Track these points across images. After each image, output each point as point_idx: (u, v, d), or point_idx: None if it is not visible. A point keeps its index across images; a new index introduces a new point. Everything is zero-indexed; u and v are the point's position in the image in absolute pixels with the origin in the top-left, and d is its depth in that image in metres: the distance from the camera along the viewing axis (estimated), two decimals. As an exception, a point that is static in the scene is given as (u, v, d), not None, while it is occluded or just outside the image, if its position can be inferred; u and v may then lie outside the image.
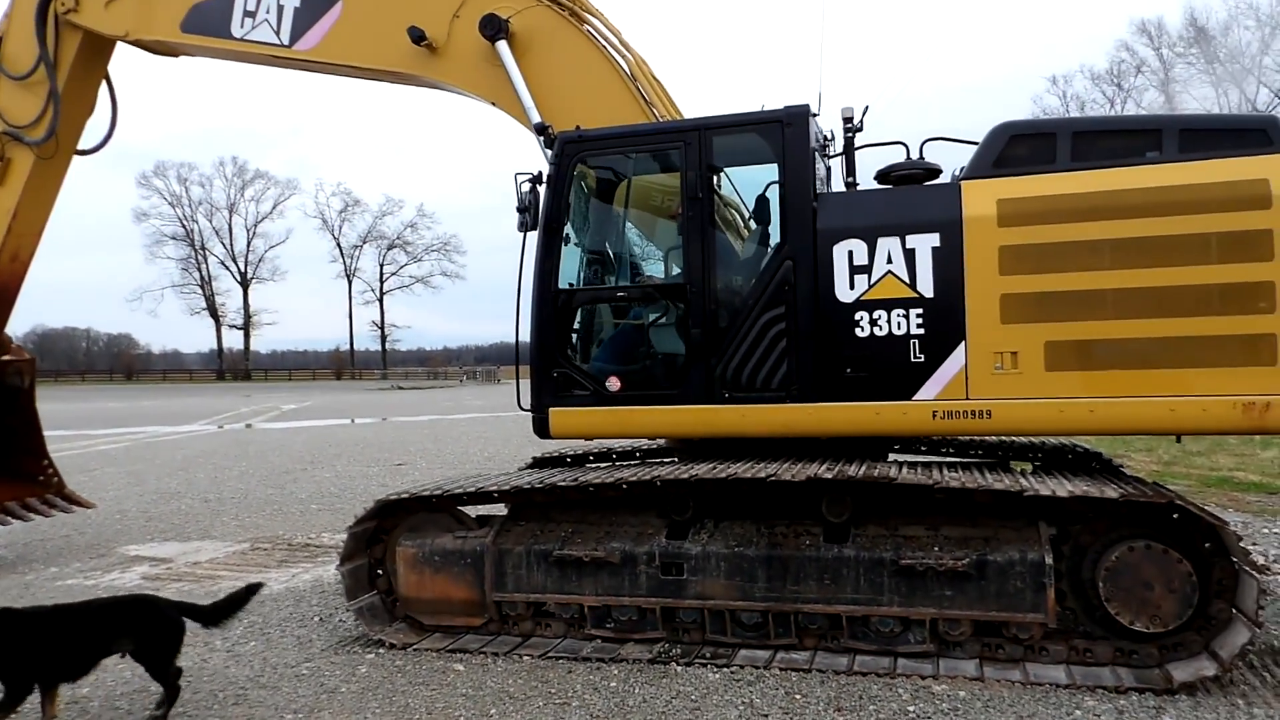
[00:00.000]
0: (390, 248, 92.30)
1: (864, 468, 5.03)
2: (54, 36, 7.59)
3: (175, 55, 7.94)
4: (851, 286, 5.19)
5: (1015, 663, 4.70)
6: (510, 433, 19.88)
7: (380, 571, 5.70)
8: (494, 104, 6.59)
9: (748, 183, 6.22)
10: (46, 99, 7.65)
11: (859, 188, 5.84)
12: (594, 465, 6.71)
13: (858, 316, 5.18)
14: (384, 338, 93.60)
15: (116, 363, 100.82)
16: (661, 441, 6.96)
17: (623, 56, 6.42)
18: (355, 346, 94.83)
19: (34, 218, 8.01)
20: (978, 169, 5.12)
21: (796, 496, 5.06)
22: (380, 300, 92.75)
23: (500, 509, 5.76)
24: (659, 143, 5.92)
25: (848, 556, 4.88)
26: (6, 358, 8.23)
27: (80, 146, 8.14)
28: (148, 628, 4.29)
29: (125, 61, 8.07)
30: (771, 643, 5.01)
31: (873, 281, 5.16)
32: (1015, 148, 5.09)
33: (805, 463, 5.22)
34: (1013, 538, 4.79)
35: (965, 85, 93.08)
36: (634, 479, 5.13)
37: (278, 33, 7.08)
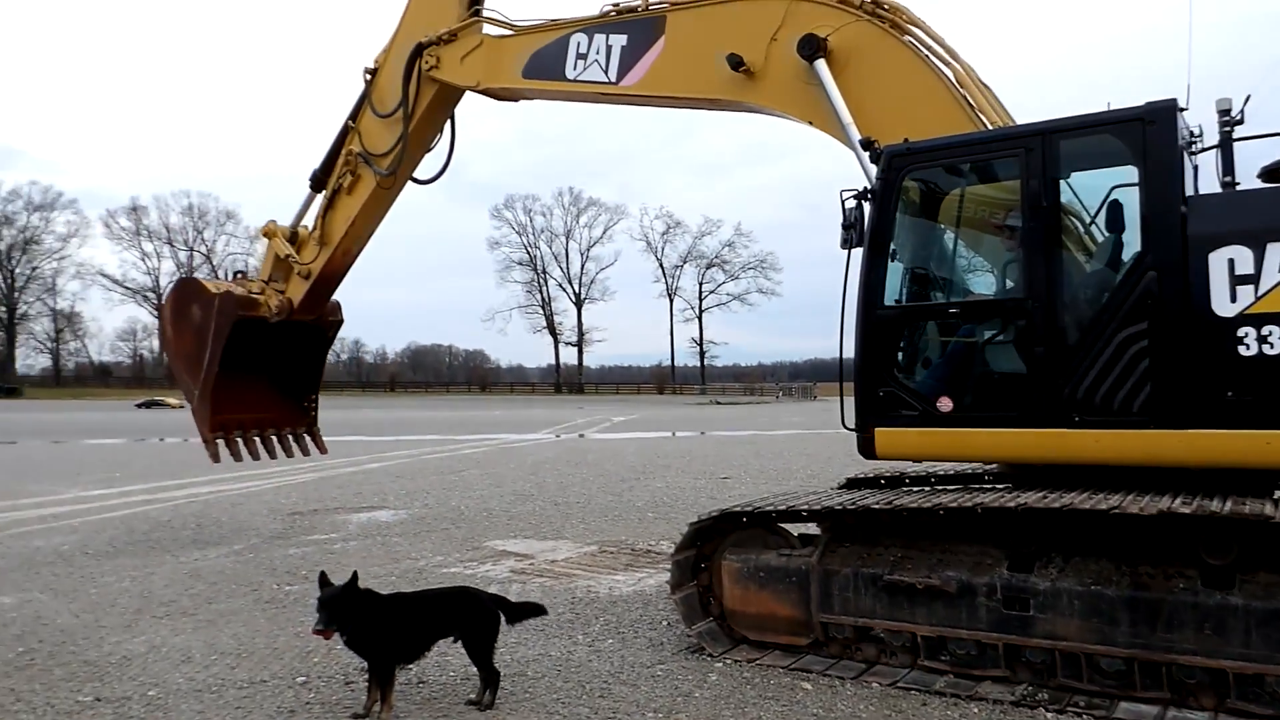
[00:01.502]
0: (709, 266, 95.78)
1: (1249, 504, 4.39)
2: (415, 87, 8.80)
3: (516, 100, 8.86)
4: (1233, 299, 4.57)
5: None
6: (832, 450, 19.71)
7: (711, 598, 5.83)
8: (810, 123, 6.61)
9: (1085, 187, 5.72)
10: (398, 140, 8.90)
11: (1239, 188, 5.14)
12: (912, 488, 6.49)
13: (1241, 332, 4.55)
14: (702, 354, 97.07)
15: (472, 376, 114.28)
16: (981, 465, 6.56)
17: (948, 66, 6.19)
18: (675, 362, 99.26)
19: (365, 227, 9.63)
20: (1405, 156, 4.30)
21: (1164, 533, 4.53)
22: (699, 317, 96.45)
23: (815, 525, 5.71)
24: (995, 151, 5.64)
25: (1235, 605, 4.28)
26: (331, 319, 10.37)
27: (420, 176, 9.42)
28: (471, 617, 4.74)
29: (479, 106, 9.19)
30: (1139, 694, 4.52)
31: (1261, 293, 4.50)
32: None
33: (1173, 496, 4.67)
34: None
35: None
36: (1008, 504, 4.80)
37: (606, 71, 7.64)
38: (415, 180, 9.50)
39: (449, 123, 9.29)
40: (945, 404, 5.47)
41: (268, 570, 8.24)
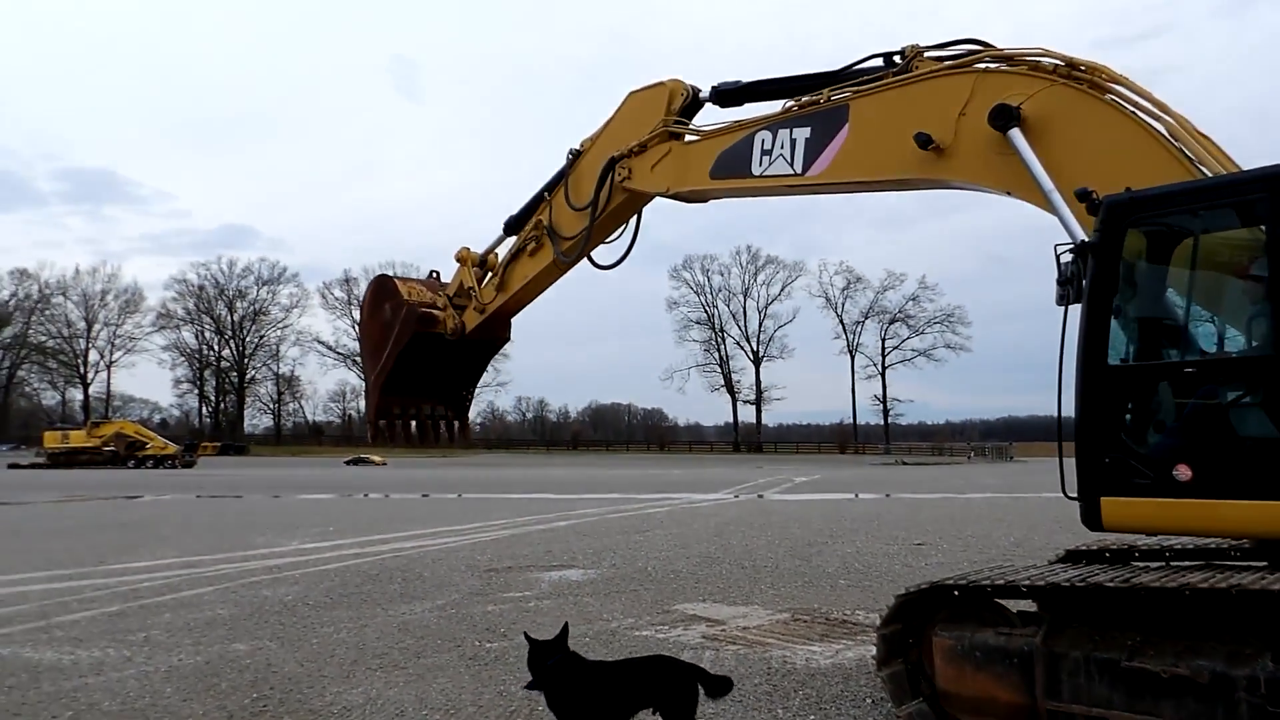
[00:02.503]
0: (892, 322, 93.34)
1: None
2: (608, 189, 9.12)
3: (704, 200, 9.07)
4: None
5: None
6: (1035, 516, 18.43)
7: (922, 677, 5.47)
8: (1008, 193, 6.36)
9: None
10: (582, 231, 9.31)
11: None
12: (1147, 564, 5.91)
13: None
14: (886, 412, 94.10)
15: (651, 434, 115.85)
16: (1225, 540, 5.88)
17: (1158, 120, 5.80)
18: (857, 420, 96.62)
19: (539, 286, 10.45)
20: None
21: None
22: (882, 374, 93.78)
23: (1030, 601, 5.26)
24: (1230, 196, 5.17)
25: None
26: (500, 335, 11.42)
27: (599, 260, 9.84)
28: (669, 687, 4.65)
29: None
30: None
31: None
32: None
33: None
34: None
35: None
36: None
37: (791, 164, 7.61)
38: (593, 263, 9.87)
39: (636, 218, 9.62)
40: (1184, 472, 4.97)
41: (469, 627, 8.53)
